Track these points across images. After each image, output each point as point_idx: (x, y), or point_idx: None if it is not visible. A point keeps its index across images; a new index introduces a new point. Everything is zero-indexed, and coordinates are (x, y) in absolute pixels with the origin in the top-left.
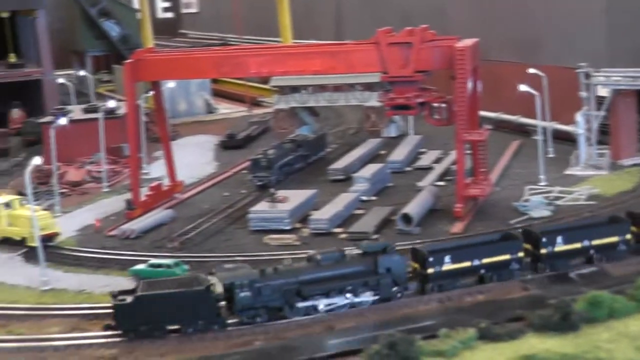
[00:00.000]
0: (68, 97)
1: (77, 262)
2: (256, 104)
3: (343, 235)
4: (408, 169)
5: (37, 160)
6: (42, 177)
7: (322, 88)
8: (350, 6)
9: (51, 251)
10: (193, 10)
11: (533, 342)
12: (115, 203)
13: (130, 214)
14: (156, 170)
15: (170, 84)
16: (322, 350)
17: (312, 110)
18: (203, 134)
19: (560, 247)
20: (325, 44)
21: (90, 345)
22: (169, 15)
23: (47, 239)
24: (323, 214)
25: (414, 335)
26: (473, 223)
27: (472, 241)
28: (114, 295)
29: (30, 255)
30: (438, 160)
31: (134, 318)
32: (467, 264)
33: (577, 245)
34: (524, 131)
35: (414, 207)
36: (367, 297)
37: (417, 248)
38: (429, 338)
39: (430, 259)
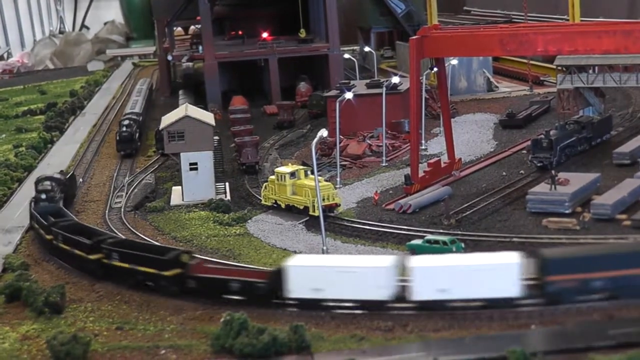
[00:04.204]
0: (351, 72)
1: (355, 234)
2: (538, 83)
3: (627, 222)
4: None
5: (324, 132)
6: (325, 149)
7: (610, 68)
8: None
9: (331, 221)
10: None
11: None
12: (393, 177)
13: (408, 189)
14: (434, 146)
15: (453, 61)
16: (600, 339)
17: (597, 91)
18: (482, 112)
19: None
20: (618, 23)
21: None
22: None
23: (328, 209)
24: (606, 199)
25: None
26: None
27: None
28: None
29: (311, 224)
30: None
31: None
32: None
33: None
34: None
35: None
36: None
37: None
38: None
39: None
